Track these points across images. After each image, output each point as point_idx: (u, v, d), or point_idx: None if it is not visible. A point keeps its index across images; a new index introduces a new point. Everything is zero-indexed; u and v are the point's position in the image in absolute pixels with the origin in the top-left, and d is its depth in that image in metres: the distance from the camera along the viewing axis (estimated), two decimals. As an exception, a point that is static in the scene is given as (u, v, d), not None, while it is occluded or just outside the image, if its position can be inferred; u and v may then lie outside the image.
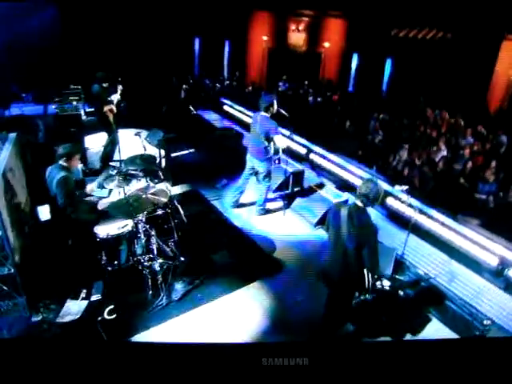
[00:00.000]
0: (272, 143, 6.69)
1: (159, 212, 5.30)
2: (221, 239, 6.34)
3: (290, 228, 7.00)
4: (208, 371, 2.57)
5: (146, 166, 5.75)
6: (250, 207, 7.39)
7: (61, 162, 4.99)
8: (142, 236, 4.93)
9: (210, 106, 11.95)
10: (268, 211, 7.37)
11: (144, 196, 4.90)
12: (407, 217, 6.59)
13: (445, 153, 8.84)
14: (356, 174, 8.26)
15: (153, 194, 5.01)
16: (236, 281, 5.51)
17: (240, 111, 11.39)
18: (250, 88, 13.78)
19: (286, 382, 2.60)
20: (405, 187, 5.77)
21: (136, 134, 6.45)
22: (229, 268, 5.76)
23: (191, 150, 8.35)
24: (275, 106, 6.58)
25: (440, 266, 5.86)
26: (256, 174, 7.02)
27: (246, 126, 10.04)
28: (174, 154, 8.11)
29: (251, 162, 6.89)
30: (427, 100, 11.80)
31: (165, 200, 4.95)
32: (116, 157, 7.78)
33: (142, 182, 5.75)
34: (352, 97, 13.18)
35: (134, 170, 5.66)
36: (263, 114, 6.62)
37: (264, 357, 2.60)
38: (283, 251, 6.26)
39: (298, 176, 8.09)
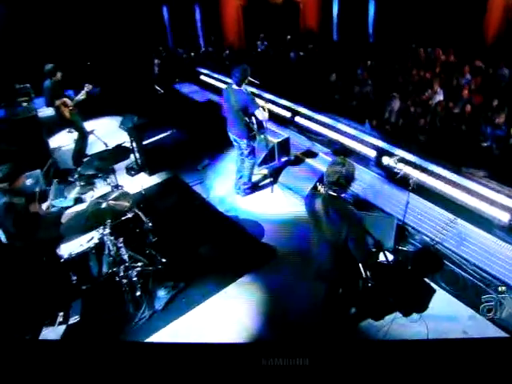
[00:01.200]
0: (254, 118, 6.11)
1: (129, 215, 4.81)
2: (205, 230, 5.87)
3: (279, 207, 6.51)
4: (206, 371, 2.59)
5: (104, 165, 5.23)
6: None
7: (0, 187, 4.43)
8: (111, 247, 4.47)
9: (187, 77, 11.18)
10: (254, 189, 6.85)
11: (104, 204, 4.40)
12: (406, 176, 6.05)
13: (441, 96, 8.17)
14: (348, 133, 7.65)
15: (114, 199, 4.51)
16: (224, 277, 5.09)
17: (219, 79, 10.67)
18: (227, 52, 12.89)
19: (285, 382, 2.60)
20: (396, 158, 5.25)
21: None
22: (216, 262, 5.32)
23: (170, 132, 7.74)
24: (249, 78, 5.98)
25: (447, 228, 5.36)
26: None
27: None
28: (149, 140, 7.54)
29: (236, 142, 6.34)
30: (418, 39, 10.96)
31: (127, 204, 4.46)
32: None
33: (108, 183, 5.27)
34: (336, 46, 12.34)
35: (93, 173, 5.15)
36: (236, 87, 6.01)
37: (263, 357, 2.61)
38: (274, 234, 5.79)
39: (284, 145, 7.50)
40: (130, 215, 4.76)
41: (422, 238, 5.27)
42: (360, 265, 3.44)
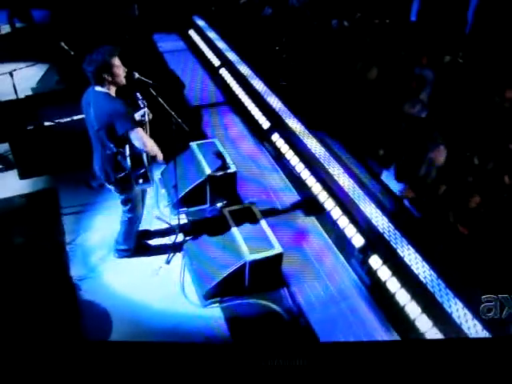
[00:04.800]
0: (127, 147, 3.65)
1: None
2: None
3: (169, 296, 4.13)
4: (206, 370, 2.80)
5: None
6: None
7: None
8: None
9: (176, 26, 8.51)
10: (138, 252, 4.47)
11: None
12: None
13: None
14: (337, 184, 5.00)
15: None
16: None
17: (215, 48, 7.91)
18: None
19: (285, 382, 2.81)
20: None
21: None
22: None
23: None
24: (119, 71, 3.57)
25: None
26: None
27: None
28: (50, 122, 5.28)
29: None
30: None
31: None
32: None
33: None
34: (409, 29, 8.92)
35: None
36: (98, 89, 3.62)
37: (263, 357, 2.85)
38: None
39: (226, 181, 4.99)
40: None
41: None
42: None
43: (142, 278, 4.28)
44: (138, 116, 3.83)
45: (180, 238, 4.62)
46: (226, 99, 6.92)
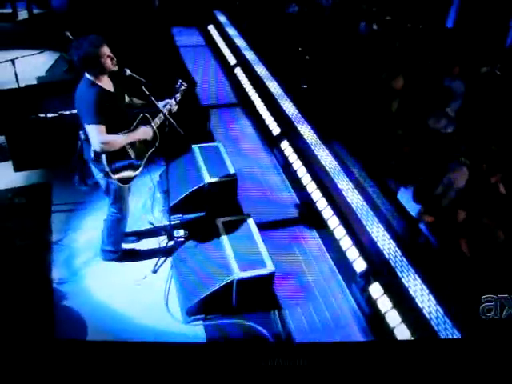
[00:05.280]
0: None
1: None
2: None
3: (146, 306, 3.93)
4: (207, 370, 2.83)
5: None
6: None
7: None
8: None
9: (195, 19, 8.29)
10: (126, 256, 4.28)
11: None
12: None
13: None
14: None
15: None
16: None
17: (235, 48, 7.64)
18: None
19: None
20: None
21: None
22: None
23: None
24: (105, 60, 3.47)
25: None
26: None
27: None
28: (53, 114, 5.16)
29: None
30: None
31: None
32: None
33: None
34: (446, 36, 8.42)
35: None
36: (86, 75, 3.56)
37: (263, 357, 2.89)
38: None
39: (224, 187, 4.76)
40: None
41: None
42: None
43: (126, 286, 4.08)
44: (160, 105, 3.76)
45: (171, 246, 4.41)
46: (239, 100, 6.68)
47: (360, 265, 4.13)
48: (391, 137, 5.91)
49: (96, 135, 3.45)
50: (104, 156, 3.54)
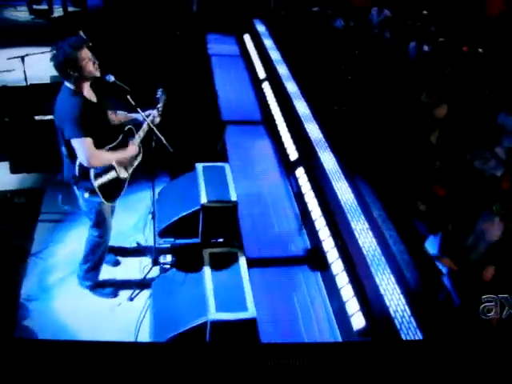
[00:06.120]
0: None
1: None
2: None
3: (114, 337, 3.66)
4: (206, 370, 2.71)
5: None
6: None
7: None
8: None
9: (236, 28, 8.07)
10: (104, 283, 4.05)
11: None
12: None
13: None
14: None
15: None
16: None
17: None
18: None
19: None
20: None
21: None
22: None
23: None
24: (86, 64, 3.25)
25: None
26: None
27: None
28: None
29: None
30: None
31: None
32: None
33: None
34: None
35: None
36: (66, 84, 3.36)
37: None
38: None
39: (221, 214, 4.46)
40: None
41: None
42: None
43: (97, 312, 3.85)
44: (139, 116, 3.58)
45: (154, 272, 4.15)
46: (264, 118, 6.38)
47: (358, 321, 3.71)
48: (425, 174, 5.45)
49: (85, 149, 3.23)
50: (92, 172, 3.33)
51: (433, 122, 6.11)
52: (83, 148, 3.21)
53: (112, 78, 3.39)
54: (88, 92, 3.37)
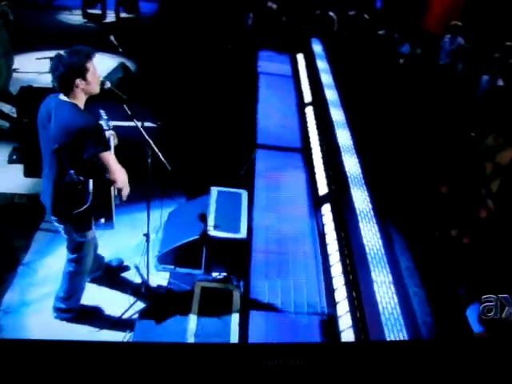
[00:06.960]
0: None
1: None
2: None
3: None
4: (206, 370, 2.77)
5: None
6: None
7: None
8: None
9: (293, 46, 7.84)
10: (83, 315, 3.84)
11: None
12: None
13: None
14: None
15: None
16: None
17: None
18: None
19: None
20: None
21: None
22: None
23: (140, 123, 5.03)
24: (93, 78, 3.11)
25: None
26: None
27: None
28: None
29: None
30: None
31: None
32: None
33: None
34: None
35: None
36: (63, 98, 3.12)
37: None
38: None
39: (226, 248, 4.20)
40: None
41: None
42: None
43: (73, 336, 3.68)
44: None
45: (141, 305, 3.92)
46: (302, 146, 6.06)
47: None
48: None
49: (112, 163, 3.16)
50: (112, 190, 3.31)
51: (495, 169, 5.56)
52: (111, 162, 3.13)
53: (108, 84, 3.23)
54: (83, 104, 3.23)
